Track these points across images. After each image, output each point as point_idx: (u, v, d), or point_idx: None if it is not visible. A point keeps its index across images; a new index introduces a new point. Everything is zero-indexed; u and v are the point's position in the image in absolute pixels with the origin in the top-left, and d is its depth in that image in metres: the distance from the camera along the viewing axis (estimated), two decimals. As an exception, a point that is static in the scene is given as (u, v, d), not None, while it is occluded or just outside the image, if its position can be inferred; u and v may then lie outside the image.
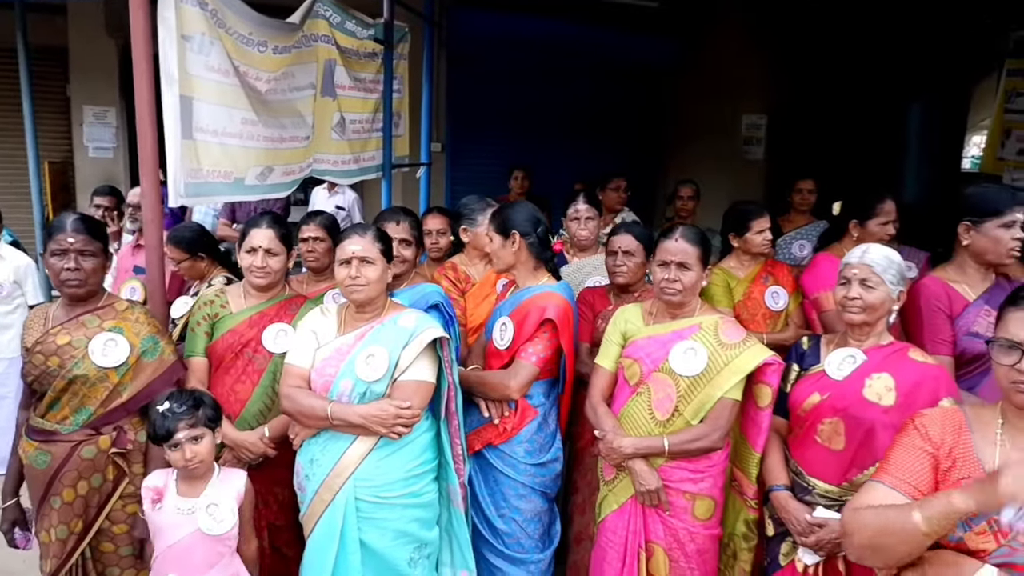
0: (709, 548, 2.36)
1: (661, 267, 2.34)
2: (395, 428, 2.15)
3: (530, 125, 7.07)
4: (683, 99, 7.51)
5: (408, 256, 2.80)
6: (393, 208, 3.08)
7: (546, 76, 7.05)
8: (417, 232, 2.92)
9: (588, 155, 6.80)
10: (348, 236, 2.32)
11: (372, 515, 2.19)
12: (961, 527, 1.51)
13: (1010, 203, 2.31)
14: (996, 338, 1.56)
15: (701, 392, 2.26)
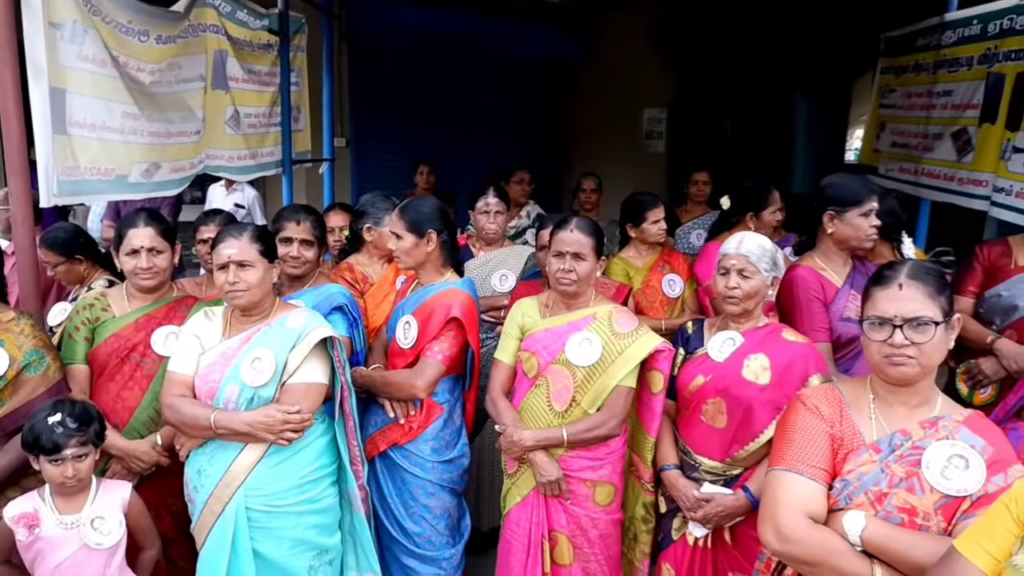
0: (611, 532, 2.43)
1: (556, 258, 2.37)
2: (284, 434, 2.08)
3: (436, 119, 7.02)
4: (586, 93, 7.65)
5: (310, 257, 2.71)
6: (294, 206, 2.98)
7: (451, 70, 7.01)
8: (320, 231, 2.82)
9: (494, 149, 6.82)
10: (223, 239, 2.21)
11: (266, 524, 2.13)
12: (843, 501, 1.61)
13: (868, 193, 2.48)
14: (867, 316, 1.67)
15: (597, 382, 2.32)
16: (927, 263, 1.69)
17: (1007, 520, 1.28)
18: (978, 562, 1.28)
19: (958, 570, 1.30)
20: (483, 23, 6.58)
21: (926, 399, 1.65)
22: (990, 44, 3.84)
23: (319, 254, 2.77)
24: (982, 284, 2.93)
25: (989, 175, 3.77)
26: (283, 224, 2.71)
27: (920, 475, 1.55)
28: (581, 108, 7.72)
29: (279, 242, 2.64)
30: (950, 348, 1.64)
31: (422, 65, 6.92)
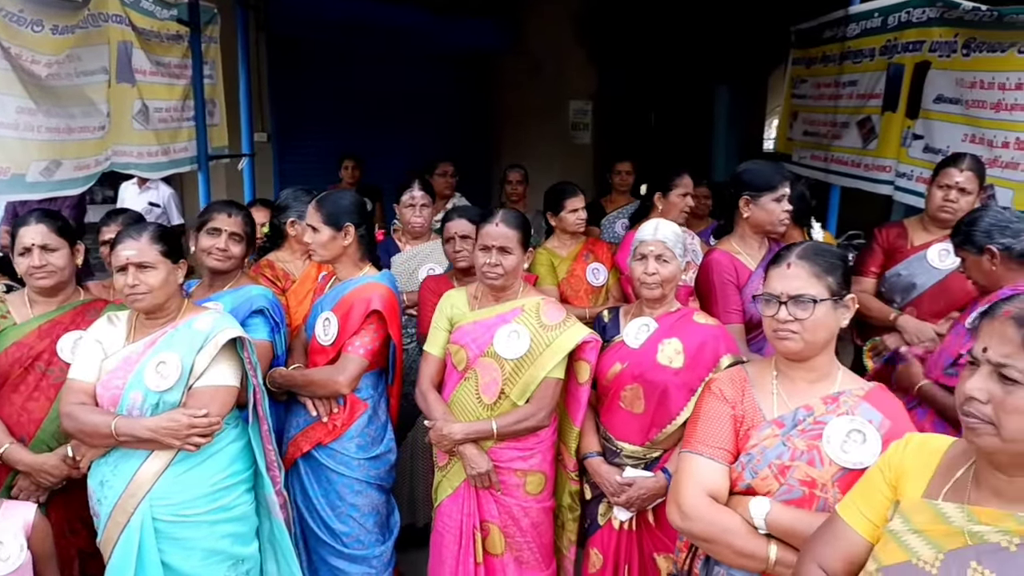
0: (543, 521, 2.45)
1: (483, 251, 2.37)
2: (191, 439, 2.00)
3: (360, 112, 6.91)
4: (513, 84, 7.67)
5: (237, 252, 2.59)
6: (227, 200, 2.88)
7: (375, 61, 6.90)
8: (250, 228, 2.70)
9: (420, 142, 6.75)
10: (121, 240, 2.11)
11: (175, 535, 2.05)
12: (749, 474, 1.68)
13: (780, 179, 2.57)
14: (762, 293, 1.75)
15: (526, 373, 2.33)
16: (820, 245, 1.77)
17: (881, 485, 1.36)
18: (856, 526, 1.35)
19: (838, 533, 1.37)
20: (407, 13, 6.50)
21: (825, 374, 1.73)
22: (890, 36, 4.04)
23: (246, 253, 2.67)
24: (883, 264, 3.08)
25: (892, 161, 3.98)
26: (212, 215, 2.59)
27: (820, 448, 1.63)
28: (508, 99, 7.73)
29: (205, 234, 2.55)
30: (843, 325, 1.72)
31: (346, 57, 6.79)
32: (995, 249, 2.28)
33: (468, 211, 3.02)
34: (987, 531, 1.16)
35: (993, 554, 1.14)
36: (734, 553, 1.63)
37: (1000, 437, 1.13)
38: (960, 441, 1.30)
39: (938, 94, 3.58)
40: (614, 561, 2.36)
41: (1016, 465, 1.15)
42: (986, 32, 3.25)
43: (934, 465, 1.32)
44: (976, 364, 1.18)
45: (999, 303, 1.21)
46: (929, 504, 1.26)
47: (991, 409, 1.14)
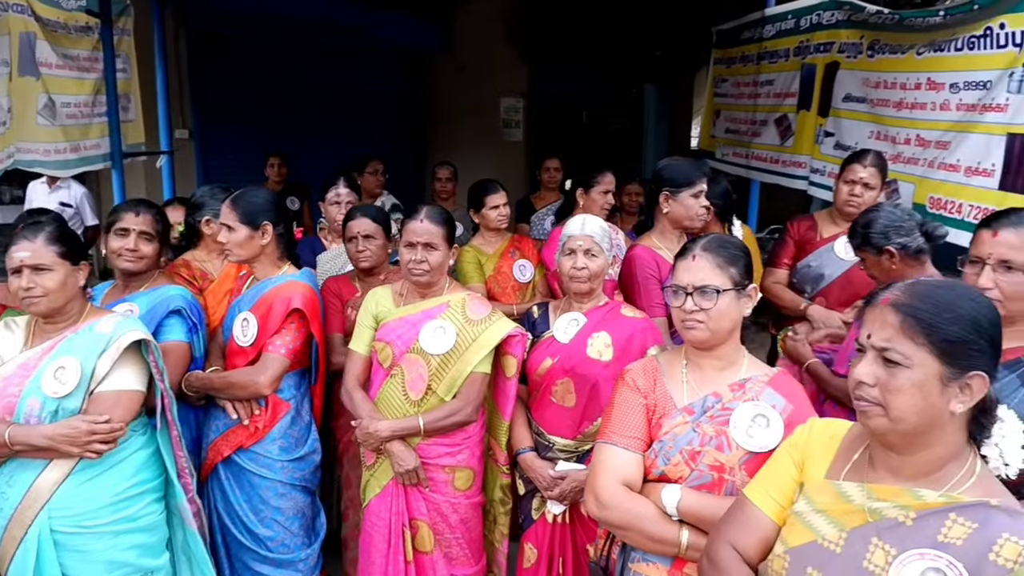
0: (472, 516, 2.46)
1: (408, 248, 2.36)
2: (91, 446, 1.91)
3: (288, 109, 6.76)
4: (445, 82, 7.64)
5: (148, 252, 2.48)
6: (137, 199, 2.75)
7: (304, 57, 6.77)
8: (162, 226, 2.60)
9: (351, 139, 6.67)
10: (16, 241, 2.01)
11: (77, 547, 1.95)
12: (662, 461, 1.72)
13: (699, 175, 2.64)
14: (670, 285, 1.80)
15: (452, 369, 2.33)
16: (723, 238, 1.83)
17: (788, 466, 1.40)
18: (763, 507, 1.39)
19: (747, 514, 1.41)
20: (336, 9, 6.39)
21: (732, 361, 1.79)
22: (803, 37, 4.21)
23: (159, 252, 2.56)
24: (795, 256, 3.21)
25: (806, 157, 4.14)
26: (120, 215, 2.49)
27: (727, 434, 1.68)
28: (440, 97, 7.70)
29: (114, 235, 2.45)
30: (745, 314, 1.78)
31: (271, 51, 6.62)
32: (893, 249, 2.40)
33: (370, 210, 2.95)
34: (885, 507, 1.21)
35: (892, 529, 1.18)
36: (648, 539, 1.68)
37: (888, 418, 1.18)
38: (858, 424, 1.35)
39: (846, 93, 3.74)
40: (548, 554, 2.38)
41: (906, 444, 1.21)
42: (889, 34, 3.42)
43: (835, 448, 1.37)
44: (863, 350, 1.24)
45: (878, 291, 1.27)
46: (831, 484, 1.30)
47: (878, 392, 1.19)
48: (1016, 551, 1.06)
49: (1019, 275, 1.74)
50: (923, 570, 1.12)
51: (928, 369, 1.15)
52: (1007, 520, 1.10)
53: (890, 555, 1.16)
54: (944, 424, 1.18)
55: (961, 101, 2.96)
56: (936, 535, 1.14)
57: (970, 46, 2.93)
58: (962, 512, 1.14)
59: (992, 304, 1.21)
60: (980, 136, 2.86)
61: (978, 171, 2.85)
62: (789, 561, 1.29)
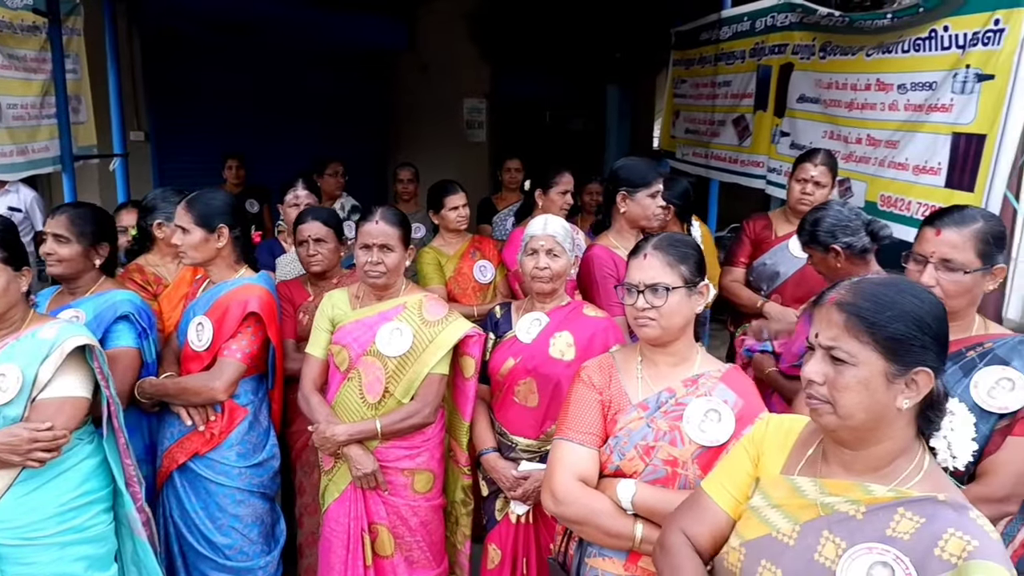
0: (433, 519, 2.45)
1: (363, 250, 2.34)
2: (33, 455, 1.85)
3: (247, 110, 6.65)
4: (407, 82, 7.60)
5: (65, 255, 2.35)
6: (71, 202, 2.69)
7: (263, 57, 6.66)
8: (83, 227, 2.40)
9: (312, 141, 6.58)
10: None
11: (21, 560, 1.89)
12: (617, 456, 1.74)
13: (655, 175, 2.67)
14: (623, 283, 1.81)
15: (409, 371, 2.32)
16: (675, 236, 1.85)
17: (744, 460, 1.43)
18: (718, 499, 1.42)
19: (702, 506, 1.44)
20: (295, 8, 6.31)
21: (685, 357, 1.81)
22: (758, 39, 4.27)
23: (82, 253, 2.40)
24: (751, 255, 3.27)
25: (763, 157, 4.21)
26: (47, 219, 2.45)
27: (681, 429, 1.71)
28: (403, 98, 7.65)
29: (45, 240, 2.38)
30: (697, 311, 1.81)
31: (230, 52, 6.50)
32: (839, 248, 2.45)
33: (321, 213, 2.90)
34: (837, 502, 1.23)
35: (843, 523, 1.21)
36: (603, 534, 1.70)
37: (837, 415, 1.21)
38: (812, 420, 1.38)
39: (800, 94, 3.82)
40: (512, 555, 2.38)
41: (856, 439, 1.23)
42: (839, 37, 3.49)
43: (791, 443, 1.40)
44: (813, 349, 1.26)
45: (826, 291, 1.29)
46: (786, 479, 1.33)
47: (827, 390, 1.21)
48: (960, 546, 1.08)
49: (959, 274, 1.78)
50: (871, 564, 1.14)
51: (873, 366, 1.17)
52: (953, 515, 1.12)
53: (840, 548, 1.18)
54: (892, 420, 1.20)
55: (909, 101, 3.04)
56: (885, 529, 1.16)
57: (916, 48, 3.00)
58: (910, 507, 1.16)
59: (937, 300, 1.23)
60: (927, 135, 2.93)
61: (925, 169, 2.92)
62: (744, 554, 1.31)
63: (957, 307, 1.80)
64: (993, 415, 1.72)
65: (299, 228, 2.83)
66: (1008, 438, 1.70)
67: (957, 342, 1.79)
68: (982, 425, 1.72)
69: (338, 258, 2.88)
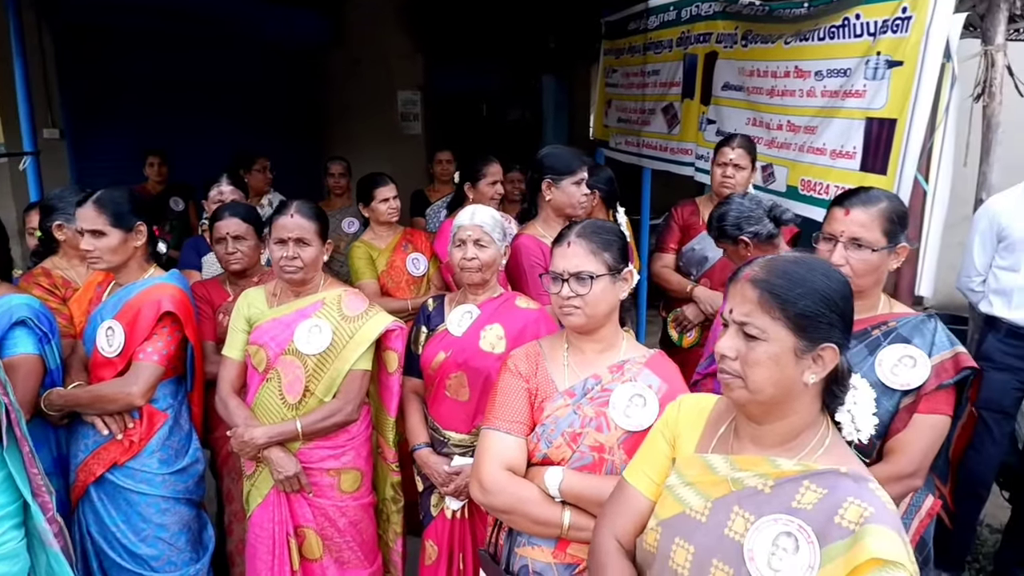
0: (362, 518, 2.40)
1: (278, 245, 2.27)
2: None
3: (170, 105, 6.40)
4: (339, 75, 7.45)
5: None
6: None
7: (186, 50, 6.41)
8: None
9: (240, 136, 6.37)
10: None
11: None
12: (544, 444, 1.73)
13: (579, 163, 2.68)
14: (548, 271, 1.81)
15: (330, 368, 2.26)
16: (598, 223, 1.85)
17: (660, 443, 1.44)
18: (640, 487, 1.42)
19: (626, 497, 1.44)
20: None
21: (611, 344, 1.82)
22: (684, 28, 4.32)
23: None
24: (680, 240, 3.31)
25: (692, 144, 4.27)
26: None
27: (607, 415, 1.71)
28: (336, 91, 7.49)
29: None
30: (621, 297, 1.81)
31: (152, 44, 6.24)
32: (747, 239, 2.52)
33: (239, 209, 2.82)
34: (746, 476, 1.25)
35: (751, 497, 1.23)
36: (532, 522, 1.69)
37: (747, 389, 1.22)
38: (724, 398, 1.40)
39: (725, 82, 3.88)
40: (448, 551, 2.35)
41: (765, 413, 1.26)
42: (760, 25, 3.55)
43: (703, 422, 1.41)
44: (727, 325, 1.28)
45: (741, 268, 1.31)
46: (699, 457, 1.35)
47: (739, 365, 1.23)
48: (858, 513, 1.12)
49: (868, 252, 1.84)
50: (776, 534, 1.16)
51: (783, 342, 1.19)
52: (853, 486, 1.16)
53: (749, 522, 1.20)
54: (799, 394, 1.23)
55: (825, 88, 3.11)
56: (791, 501, 1.18)
57: (831, 36, 3.08)
58: (815, 479, 1.19)
59: (844, 279, 1.26)
60: (842, 121, 3.01)
61: (841, 154, 3.00)
62: (660, 533, 1.32)
63: (864, 285, 1.86)
64: (897, 392, 1.78)
65: (216, 225, 2.73)
66: (914, 416, 1.77)
67: (863, 321, 1.85)
68: (886, 402, 1.78)
69: (258, 255, 2.79)
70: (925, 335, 1.82)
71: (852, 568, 1.07)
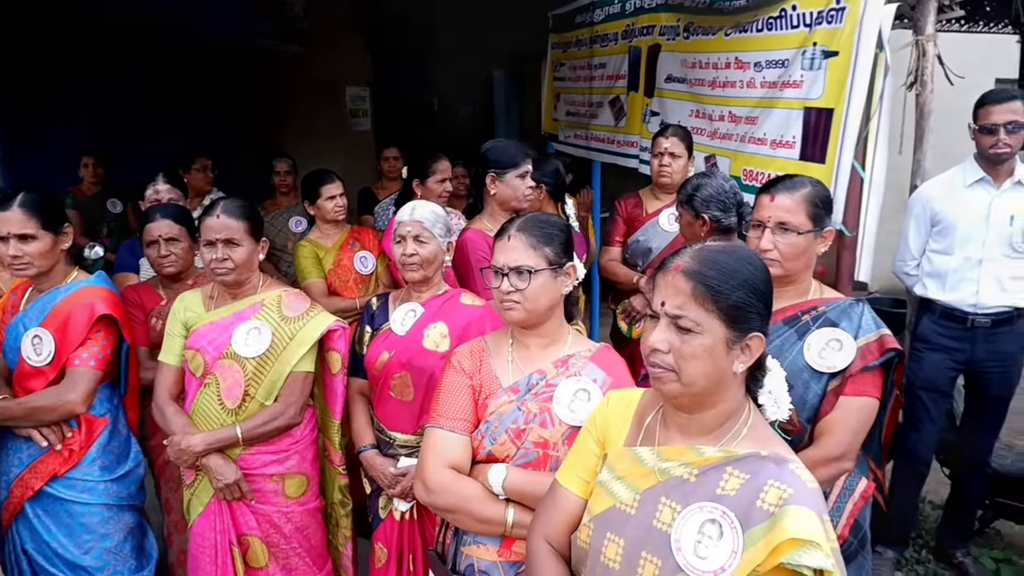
0: (309, 523, 2.35)
1: (208, 247, 2.20)
2: None
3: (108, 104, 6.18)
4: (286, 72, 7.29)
5: None
6: None
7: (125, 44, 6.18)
8: None
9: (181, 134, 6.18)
10: None
11: None
12: (489, 441, 1.72)
13: (523, 156, 2.66)
14: (488, 266, 1.79)
15: (270, 371, 2.21)
16: (540, 217, 1.84)
17: (590, 443, 1.44)
18: (571, 487, 1.42)
19: (559, 500, 1.43)
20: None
21: (556, 338, 1.81)
22: (629, 21, 4.34)
23: None
24: (625, 233, 3.33)
25: (637, 136, 4.29)
26: None
27: (551, 410, 1.70)
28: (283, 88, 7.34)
29: None
30: (564, 292, 1.80)
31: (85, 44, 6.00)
32: (707, 218, 2.53)
33: (170, 210, 2.73)
34: (672, 466, 1.25)
35: (678, 487, 1.23)
36: (476, 520, 1.68)
37: (681, 382, 1.22)
38: (651, 390, 1.40)
39: (668, 74, 3.90)
40: (398, 553, 2.31)
41: (696, 404, 1.26)
42: (701, 17, 3.59)
43: (631, 415, 1.41)
44: (656, 317, 1.27)
45: (669, 258, 1.29)
46: (628, 451, 1.34)
47: (672, 358, 1.22)
48: (778, 495, 1.13)
49: (794, 235, 1.87)
50: (702, 522, 1.17)
51: (716, 334, 1.19)
52: (774, 468, 1.17)
53: (676, 511, 1.21)
54: (728, 383, 1.23)
55: (764, 79, 3.15)
56: (715, 488, 1.19)
57: (769, 27, 3.12)
58: (737, 465, 1.20)
59: (765, 266, 1.27)
60: (782, 111, 3.05)
61: (782, 143, 3.04)
62: (592, 529, 1.32)
63: (793, 269, 1.89)
64: (825, 375, 1.81)
65: (147, 228, 2.64)
66: (840, 398, 1.80)
67: (794, 306, 1.89)
68: (815, 385, 1.81)
69: (192, 257, 2.71)
70: (852, 319, 1.85)
71: (772, 549, 1.08)
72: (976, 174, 2.93)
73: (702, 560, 1.15)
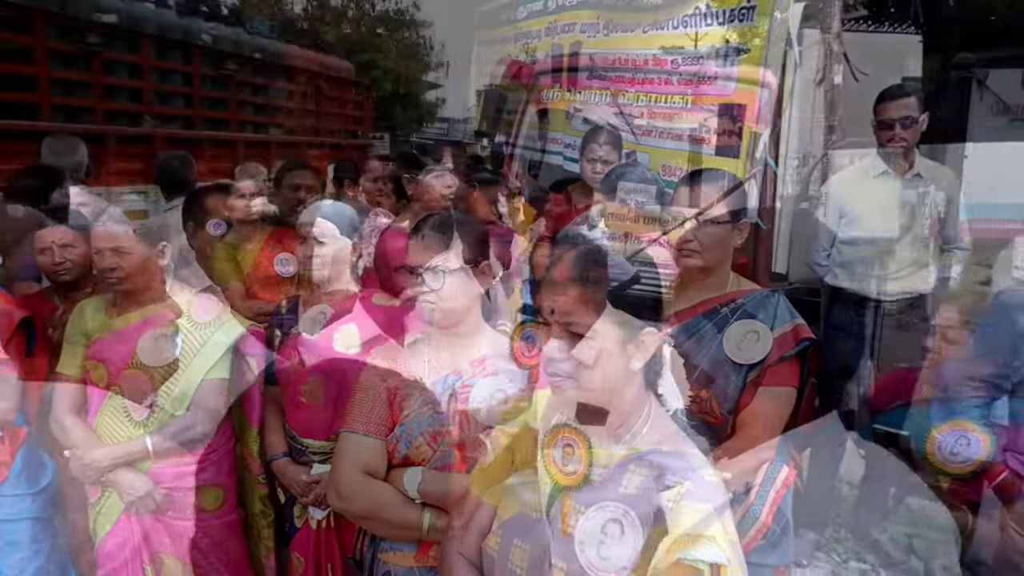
0: (228, 537, 2.27)
1: (97, 256, 2.11)
2: None
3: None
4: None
5: None
6: None
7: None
8: None
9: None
10: None
11: None
12: (404, 445, 1.68)
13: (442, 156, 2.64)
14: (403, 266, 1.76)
15: (181, 380, 2.12)
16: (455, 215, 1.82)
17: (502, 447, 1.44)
18: (483, 494, 1.41)
19: (469, 508, 1.43)
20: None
21: (473, 339, 1.78)
22: (551, 19, 4.35)
23: None
24: (554, 230, 3.33)
25: (560, 134, 4.31)
26: None
27: (467, 412, 1.67)
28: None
29: None
30: (482, 291, 1.78)
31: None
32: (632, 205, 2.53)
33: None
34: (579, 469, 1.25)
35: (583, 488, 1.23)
36: (391, 526, 1.65)
37: (580, 388, 1.22)
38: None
39: (590, 71, 3.93)
40: (315, 562, 2.22)
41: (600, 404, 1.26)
42: (620, 14, 3.62)
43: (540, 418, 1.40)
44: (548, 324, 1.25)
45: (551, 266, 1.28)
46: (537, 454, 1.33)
47: (569, 365, 1.21)
48: (676, 491, 1.14)
49: (713, 226, 1.90)
50: (604, 522, 1.17)
51: (610, 336, 1.19)
52: (671, 463, 1.18)
53: (580, 513, 1.20)
54: (628, 381, 1.24)
55: (681, 76, 3.21)
56: (619, 488, 1.20)
57: (684, 24, 3.18)
58: (639, 463, 1.20)
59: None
60: (698, 107, 3.11)
61: (698, 139, 3.11)
62: (500, 536, 1.31)
63: (712, 260, 1.91)
64: (744, 367, 1.85)
65: (38, 235, 2.48)
66: (759, 388, 1.84)
67: (713, 300, 1.92)
68: (735, 377, 1.85)
69: (90, 263, 2.56)
70: (768, 310, 1.89)
71: (668, 545, 1.09)
72: (880, 167, 3.06)
73: (604, 560, 1.15)
